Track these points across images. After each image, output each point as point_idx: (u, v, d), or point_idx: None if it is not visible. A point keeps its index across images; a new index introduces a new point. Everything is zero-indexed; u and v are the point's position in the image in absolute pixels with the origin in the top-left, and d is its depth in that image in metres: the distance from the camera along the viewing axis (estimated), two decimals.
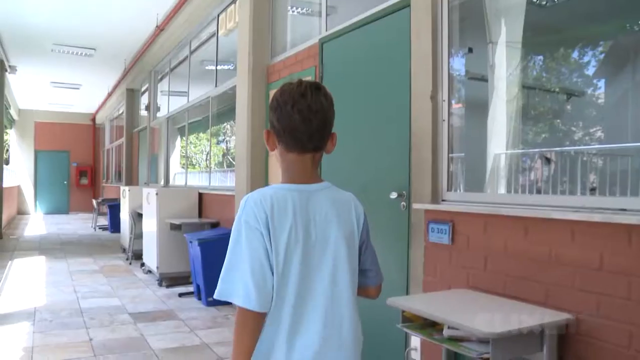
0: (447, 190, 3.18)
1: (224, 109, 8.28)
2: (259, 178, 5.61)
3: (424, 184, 3.24)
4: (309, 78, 4.73)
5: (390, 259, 3.55)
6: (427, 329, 2.39)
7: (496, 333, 2.05)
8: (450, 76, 3.20)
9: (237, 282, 1.38)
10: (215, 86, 7.39)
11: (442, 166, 3.20)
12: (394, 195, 3.50)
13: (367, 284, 1.63)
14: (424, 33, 3.24)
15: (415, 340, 3.08)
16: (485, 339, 2.09)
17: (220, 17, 7.09)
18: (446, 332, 2.27)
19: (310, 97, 1.46)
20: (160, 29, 8.50)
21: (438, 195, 3.21)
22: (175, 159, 10.63)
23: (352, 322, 1.50)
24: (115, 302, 6.03)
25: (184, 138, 10.43)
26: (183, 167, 10.59)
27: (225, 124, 12.06)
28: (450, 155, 3.19)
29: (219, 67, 7.53)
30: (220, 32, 7.04)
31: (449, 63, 3.18)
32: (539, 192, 3.27)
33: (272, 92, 5.49)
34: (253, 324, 1.39)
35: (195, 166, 15.01)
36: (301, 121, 1.45)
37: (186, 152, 10.74)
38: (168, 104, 10.59)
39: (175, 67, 10.22)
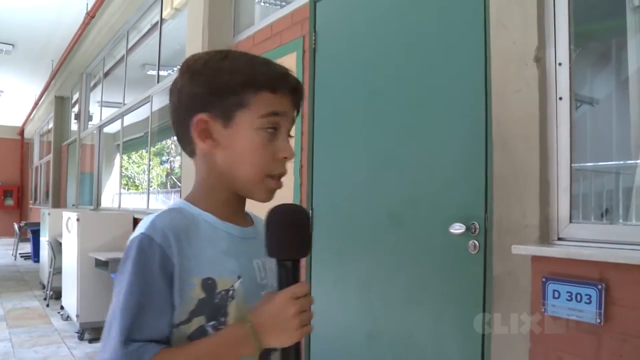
0: (571, 221, 1.79)
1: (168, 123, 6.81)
2: None
3: (523, 209, 1.84)
4: (292, 55, 3.29)
5: (449, 339, 2.13)
6: None
7: None
8: (571, 18, 1.82)
9: None
10: (157, 82, 5.85)
11: (557, 179, 1.81)
12: (457, 228, 2.08)
13: None
14: None
15: None
16: None
17: None
18: None
19: None
20: (91, 16, 6.92)
21: (551, 229, 1.81)
22: (115, 179, 8.98)
23: None
24: None
25: (126, 156, 8.88)
26: (124, 188, 8.98)
27: (168, 140, 10.56)
28: (572, 162, 1.80)
29: (163, 73, 6.01)
30: (164, 13, 5.53)
31: None
32: None
33: None
34: None
35: (138, 187, 13.54)
36: None
37: (120, 169, 9.09)
38: (100, 113, 8.95)
39: (111, 69, 8.63)
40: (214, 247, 0.98)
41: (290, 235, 0.95)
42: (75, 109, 10.89)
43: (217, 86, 0.99)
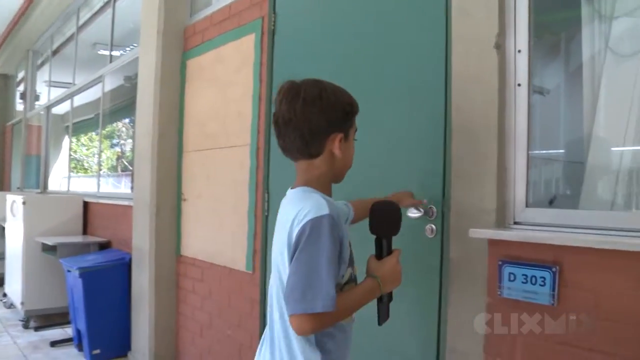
0: (527, 205, 1.82)
1: (122, 103, 6.62)
2: (168, 183, 4.02)
3: (481, 194, 1.87)
4: (251, 37, 3.24)
5: (405, 322, 2.15)
6: None
7: None
8: (531, 6, 1.85)
9: None
10: (110, 62, 5.67)
11: (514, 165, 1.85)
12: (414, 212, 2.10)
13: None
14: None
15: None
16: None
17: None
18: None
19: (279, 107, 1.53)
20: None
21: (507, 213, 1.85)
22: (63, 161, 8.66)
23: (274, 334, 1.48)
24: None
25: (74, 138, 8.55)
26: (72, 171, 8.67)
27: (119, 122, 10.22)
28: (529, 148, 1.84)
29: (115, 53, 5.81)
30: None
31: None
32: None
33: (190, 63, 3.92)
34: None
35: (87, 170, 13.11)
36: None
37: (69, 152, 8.78)
38: (49, 94, 8.62)
39: (60, 47, 8.29)
40: (341, 220, 1.43)
41: (388, 221, 1.57)
42: (21, 88, 10.43)
43: (346, 113, 1.51)
